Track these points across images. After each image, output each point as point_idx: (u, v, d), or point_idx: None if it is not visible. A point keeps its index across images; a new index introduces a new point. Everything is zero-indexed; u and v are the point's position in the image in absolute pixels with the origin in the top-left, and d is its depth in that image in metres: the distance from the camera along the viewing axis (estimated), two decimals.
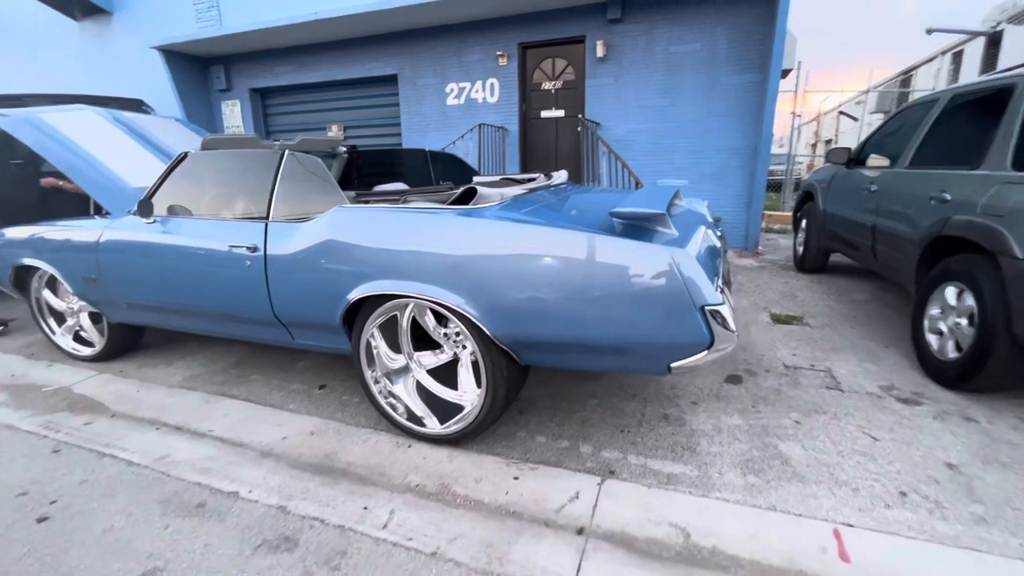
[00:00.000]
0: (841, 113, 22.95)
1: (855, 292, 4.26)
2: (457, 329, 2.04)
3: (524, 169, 6.68)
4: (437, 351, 2.20)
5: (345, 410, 2.48)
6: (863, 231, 3.58)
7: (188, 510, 1.78)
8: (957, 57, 14.65)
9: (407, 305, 2.02)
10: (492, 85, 6.63)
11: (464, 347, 2.12)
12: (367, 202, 2.30)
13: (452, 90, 6.88)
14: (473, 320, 1.83)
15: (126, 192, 2.93)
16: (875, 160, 3.74)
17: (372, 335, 2.11)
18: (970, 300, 2.37)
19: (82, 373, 3.01)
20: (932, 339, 2.65)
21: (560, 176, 2.99)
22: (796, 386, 2.59)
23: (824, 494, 1.78)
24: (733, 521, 1.67)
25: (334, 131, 7.91)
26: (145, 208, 2.50)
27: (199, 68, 8.24)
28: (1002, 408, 2.33)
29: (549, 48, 6.40)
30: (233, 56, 8.07)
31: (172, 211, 2.57)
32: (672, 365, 1.68)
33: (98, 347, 3.13)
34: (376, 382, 2.20)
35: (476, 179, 3.30)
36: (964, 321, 2.41)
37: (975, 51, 13.62)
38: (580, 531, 1.65)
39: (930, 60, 16.07)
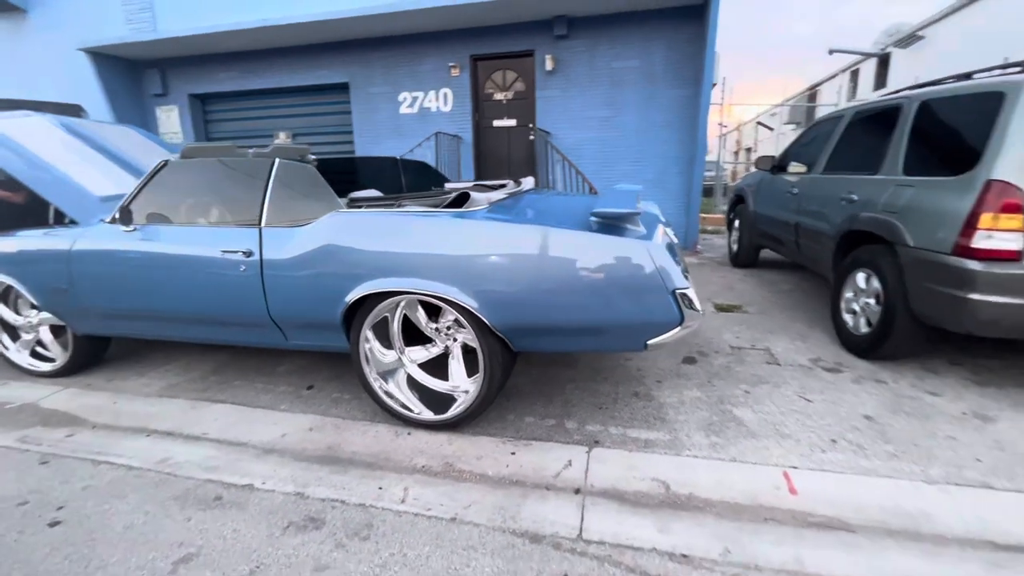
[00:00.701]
0: (759, 124, 25.03)
1: (782, 283, 4.83)
2: (448, 324, 2.24)
3: (479, 176, 6.91)
4: (429, 345, 2.38)
5: (338, 406, 2.59)
6: (788, 228, 4.10)
7: (206, 503, 1.85)
8: (855, 75, 16.49)
9: (398, 304, 2.19)
10: (446, 95, 6.82)
11: (455, 340, 2.31)
12: (359, 207, 2.43)
13: (405, 99, 7.00)
14: (473, 311, 2.03)
15: (91, 201, 2.88)
16: (795, 167, 4.31)
17: (366, 335, 2.25)
18: (876, 283, 2.85)
19: (45, 389, 2.90)
20: (848, 318, 3.14)
21: (528, 183, 3.24)
22: (742, 363, 2.98)
23: (773, 446, 2.13)
24: (703, 472, 1.97)
25: (282, 138, 7.77)
26: (125, 216, 2.50)
27: (131, 72, 7.82)
28: (904, 371, 2.82)
29: (500, 60, 6.69)
30: (171, 60, 7.74)
31: (152, 219, 2.58)
32: (649, 342, 1.97)
33: (60, 361, 3.02)
34: (376, 378, 2.33)
35: (448, 185, 3.50)
36: (872, 301, 2.89)
37: (870, 70, 15.41)
38: (577, 491, 1.88)
39: (833, 77, 17.94)
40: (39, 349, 3.09)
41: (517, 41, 6.43)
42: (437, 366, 2.37)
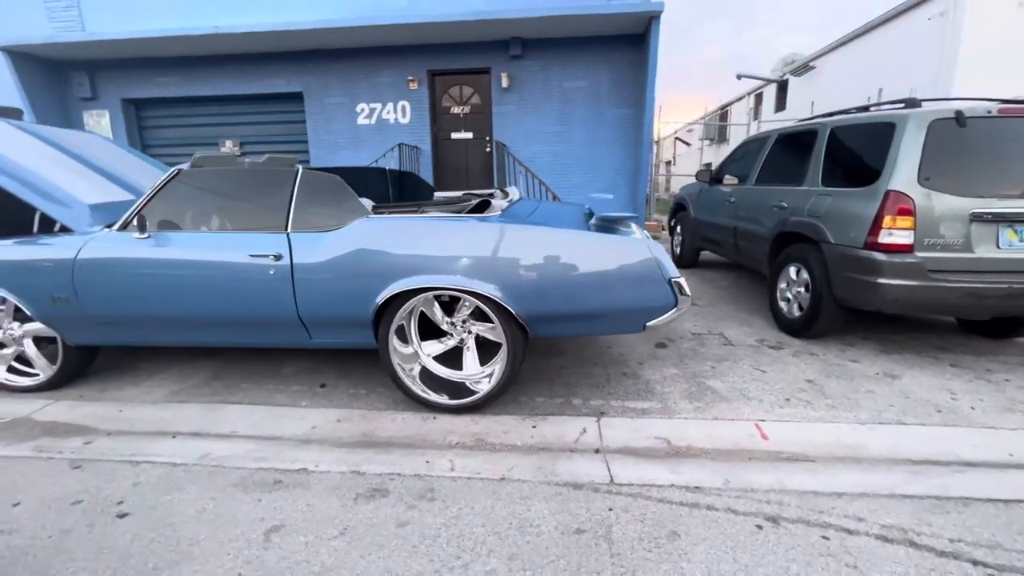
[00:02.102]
0: (677, 139, 27.12)
1: (721, 280, 5.51)
2: (463, 318, 2.52)
3: (439, 186, 7.14)
4: (444, 339, 2.63)
5: (358, 401, 2.76)
6: (727, 232, 4.75)
7: (268, 487, 2.00)
8: (759, 98, 18.49)
9: (416, 302, 2.43)
10: (404, 107, 7.02)
11: (469, 332, 2.60)
12: (380, 214, 2.65)
13: (363, 110, 7.11)
14: (500, 302, 2.33)
15: (82, 208, 2.86)
16: (729, 179, 4.99)
17: (399, 329, 2.48)
18: (805, 275, 3.47)
19: (31, 403, 2.81)
20: (783, 305, 3.76)
21: (515, 192, 3.59)
22: (703, 345, 3.49)
23: (742, 406, 2.60)
24: (693, 429, 2.39)
25: (228, 146, 7.56)
26: (139, 223, 2.55)
27: (55, 73, 7.27)
28: (829, 345, 3.45)
29: (457, 76, 7.01)
30: (101, 63, 7.28)
31: (164, 226, 2.64)
32: (648, 323, 2.38)
33: (45, 375, 2.93)
34: (402, 368, 2.55)
35: (438, 194, 3.78)
36: (802, 290, 3.51)
37: (771, 93, 17.36)
38: (597, 451, 2.23)
39: (741, 99, 19.96)
40: (14, 364, 2.97)
41: (474, 58, 6.79)
42: (448, 357, 2.63)
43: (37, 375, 2.95)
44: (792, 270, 3.63)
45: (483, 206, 2.55)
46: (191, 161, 2.72)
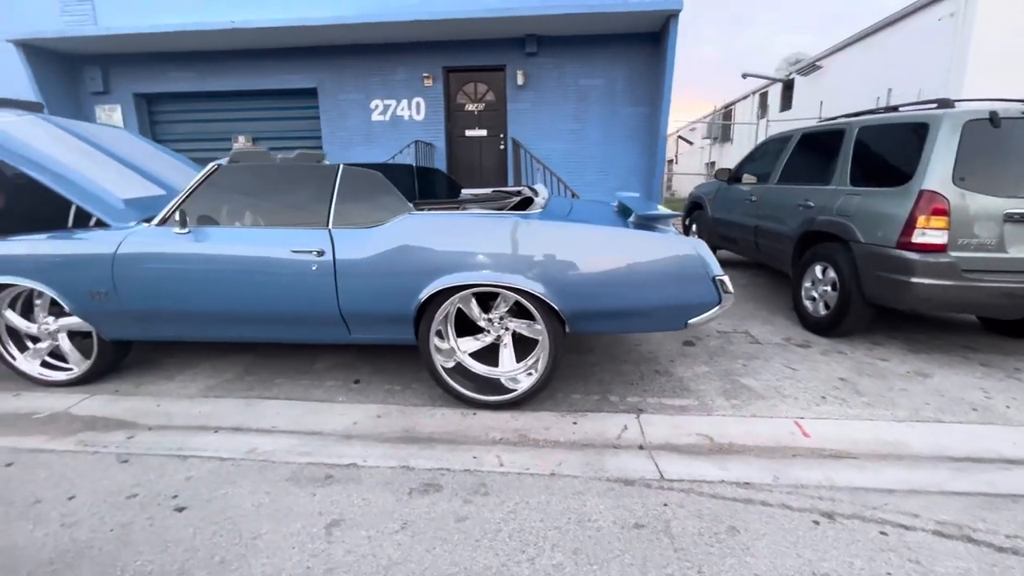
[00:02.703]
0: (680, 137, 27.14)
1: (739, 278, 5.53)
2: (500, 315, 2.53)
3: None
4: (478, 336, 2.64)
5: (394, 397, 2.77)
6: (747, 230, 4.76)
7: (320, 482, 2.01)
8: (764, 97, 18.49)
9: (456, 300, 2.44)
10: (419, 104, 7.01)
11: (506, 329, 2.61)
12: (422, 211, 2.65)
13: (377, 106, 7.10)
14: (544, 299, 2.34)
15: (118, 203, 2.87)
16: (747, 179, 5.00)
17: (437, 327, 2.49)
18: (832, 274, 3.49)
19: (68, 397, 2.81)
20: (808, 304, 3.77)
21: (543, 190, 3.60)
22: (731, 343, 3.51)
23: (779, 404, 2.62)
24: (733, 427, 2.41)
25: (241, 142, 7.54)
26: (180, 218, 2.55)
27: (68, 67, 7.24)
28: (856, 344, 3.47)
29: (471, 73, 7.00)
30: (113, 57, 7.26)
31: (203, 221, 2.64)
32: (689, 321, 2.39)
33: (80, 369, 2.93)
34: (444, 365, 2.56)
35: (465, 191, 3.78)
36: (829, 288, 3.53)
37: (776, 92, 17.38)
38: (641, 447, 2.25)
39: (745, 97, 19.95)
40: (47, 358, 2.97)
41: (489, 56, 6.78)
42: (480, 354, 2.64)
43: (71, 369, 2.96)
44: (818, 269, 3.64)
45: (526, 203, 2.56)
46: (229, 156, 2.72)
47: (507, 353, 2.66)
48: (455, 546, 1.63)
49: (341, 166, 2.58)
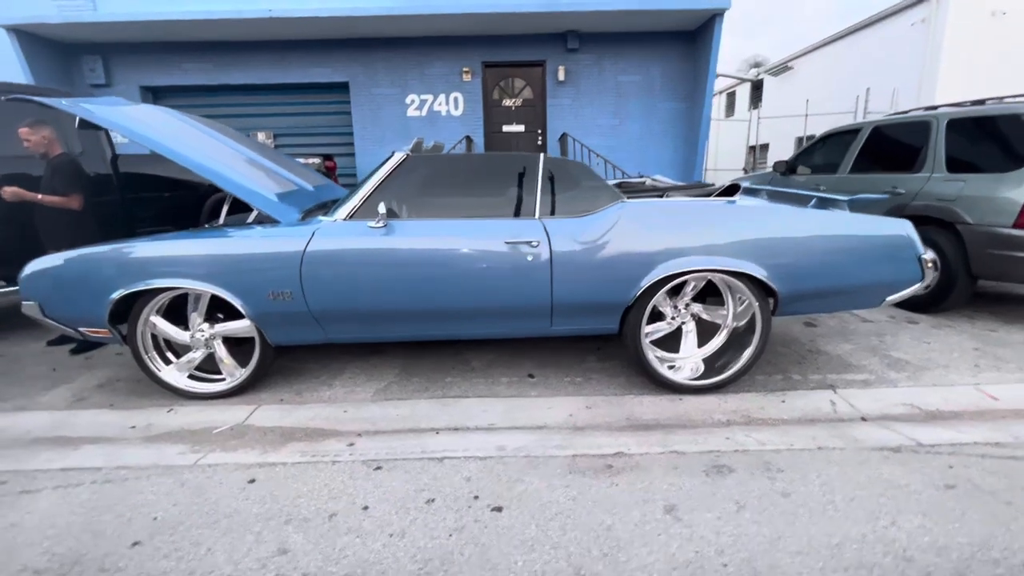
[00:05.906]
0: None
1: None
2: (687, 301, 2.60)
3: None
4: (663, 322, 2.69)
5: (586, 387, 2.76)
6: None
7: (603, 472, 1.98)
8: (731, 96, 19.47)
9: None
10: (456, 99, 6.89)
11: (692, 315, 2.67)
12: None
13: (413, 101, 6.91)
14: (765, 282, 2.41)
15: (273, 196, 2.70)
16: (803, 170, 5.30)
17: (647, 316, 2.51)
18: (930, 254, 3.76)
19: (231, 410, 2.60)
20: None
21: (663, 179, 3.67)
22: (846, 323, 3.72)
23: (945, 373, 2.82)
24: (929, 396, 2.57)
25: (261, 138, 7.12)
26: (369, 211, 2.43)
27: (65, 56, 6.56)
28: (956, 318, 3.76)
29: (509, 68, 6.96)
30: (116, 46, 6.65)
31: (391, 214, 2.53)
32: (888, 298, 2.54)
33: (233, 379, 2.71)
34: (655, 354, 2.58)
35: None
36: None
37: (744, 91, 18.34)
38: (863, 419, 2.37)
39: (718, 94, 20.91)
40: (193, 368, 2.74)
41: (529, 51, 6.77)
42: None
43: (223, 379, 2.73)
44: None
45: (733, 189, 2.62)
46: (412, 146, 2.62)
47: (690, 339, 2.72)
48: (816, 518, 1.68)
49: (542, 155, 2.54)
